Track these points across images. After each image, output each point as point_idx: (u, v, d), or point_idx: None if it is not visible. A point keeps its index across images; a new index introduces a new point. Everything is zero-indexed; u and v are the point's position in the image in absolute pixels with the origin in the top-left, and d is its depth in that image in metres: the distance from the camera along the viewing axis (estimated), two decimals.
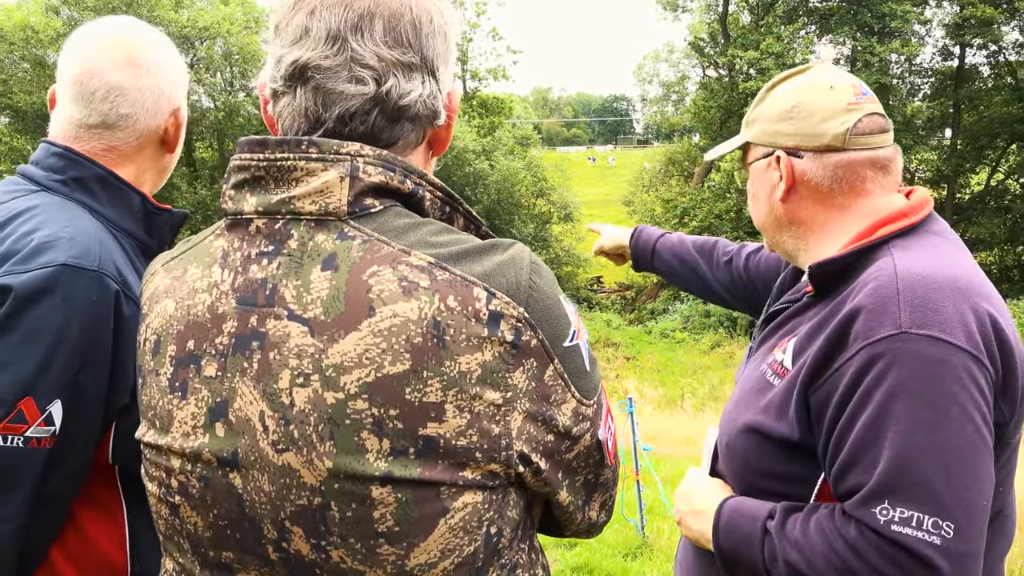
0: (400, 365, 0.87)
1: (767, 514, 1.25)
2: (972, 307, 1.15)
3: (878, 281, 1.19)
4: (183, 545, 1.00)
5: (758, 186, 1.47)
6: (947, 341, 1.11)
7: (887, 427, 1.11)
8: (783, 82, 1.45)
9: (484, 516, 0.94)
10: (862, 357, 1.14)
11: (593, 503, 1.10)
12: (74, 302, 1.23)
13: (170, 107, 1.48)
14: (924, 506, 1.08)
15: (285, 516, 0.91)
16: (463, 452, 0.89)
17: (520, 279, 0.92)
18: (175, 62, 1.50)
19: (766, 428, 1.29)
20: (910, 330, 1.12)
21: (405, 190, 0.97)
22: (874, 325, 1.15)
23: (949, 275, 1.18)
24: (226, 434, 0.93)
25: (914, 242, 1.28)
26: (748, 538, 1.25)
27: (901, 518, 1.08)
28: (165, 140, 1.50)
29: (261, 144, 0.96)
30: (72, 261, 1.24)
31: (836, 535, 1.14)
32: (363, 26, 0.95)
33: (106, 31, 1.44)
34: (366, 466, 0.88)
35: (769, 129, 1.42)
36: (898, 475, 1.09)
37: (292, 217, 0.94)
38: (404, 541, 0.90)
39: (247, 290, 0.94)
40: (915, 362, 1.11)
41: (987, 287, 1.21)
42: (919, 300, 1.14)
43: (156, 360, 0.99)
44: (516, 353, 0.91)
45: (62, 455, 1.23)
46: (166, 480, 0.99)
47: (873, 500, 1.11)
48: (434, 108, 1.01)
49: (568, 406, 0.97)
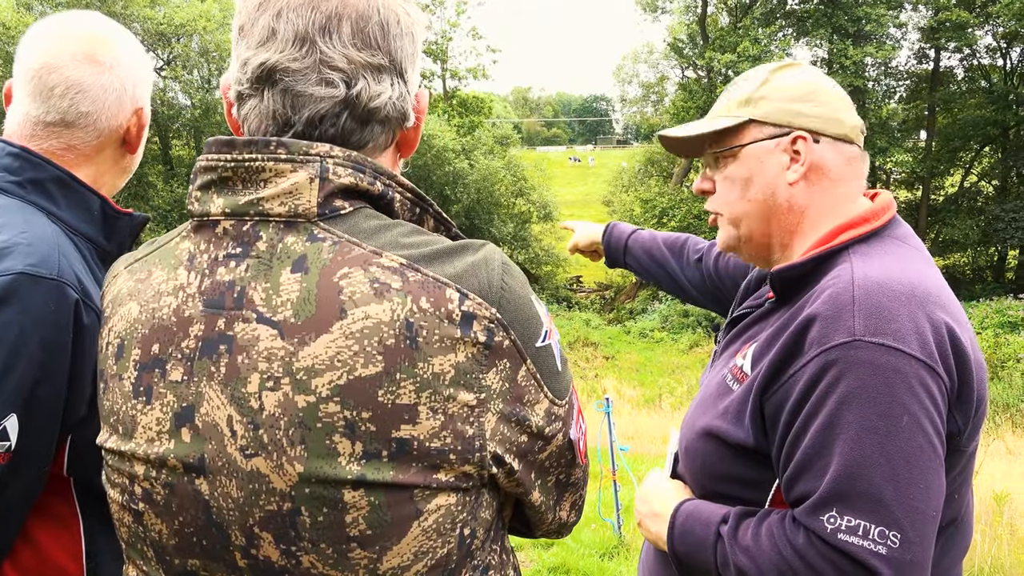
0: (373, 367, 0.86)
1: (721, 519, 1.25)
2: (928, 316, 1.14)
3: (834, 288, 1.18)
4: (147, 553, 0.97)
5: (755, 170, 1.37)
6: (900, 350, 1.10)
7: (837, 435, 1.11)
8: (786, 69, 1.40)
9: (457, 518, 0.93)
10: (816, 364, 1.14)
11: (564, 503, 1.10)
12: (32, 312, 1.17)
13: (132, 106, 1.42)
14: (871, 515, 1.08)
15: (254, 522, 0.89)
16: (437, 454, 0.88)
17: (492, 280, 0.92)
18: (139, 59, 1.44)
19: (723, 432, 1.28)
20: (863, 338, 1.11)
21: (375, 192, 0.95)
22: (828, 332, 1.14)
23: (906, 283, 1.17)
24: (192, 439, 0.90)
25: (875, 248, 1.27)
26: (702, 542, 1.25)
27: (848, 527, 1.08)
28: (127, 140, 1.44)
29: (228, 144, 0.94)
30: (30, 269, 1.19)
31: (785, 542, 1.14)
32: (331, 27, 0.93)
33: (68, 25, 1.38)
34: (338, 470, 0.86)
35: (786, 108, 1.35)
36: (846, 483, 1.09)
37: (260, 219, 0.92)
38: (377, 545, 0.89)
39: (214, 293, 0.92)
40: (867, 371, 1.10)
41: (945, 295, 1.21)
42: (874, 308, 1.13)
43: (119, 364, 0.96)
44: (489, 354, 0.90)
45: (16, 470, 1.18)
46: (129, 487, 0.96)
47: (821, 508, 1.11)
48: (403, 110, 1.00)
49: (541, 406, 0.96)
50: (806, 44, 32.73)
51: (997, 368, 19.15)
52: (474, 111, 37.77)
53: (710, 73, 32.81)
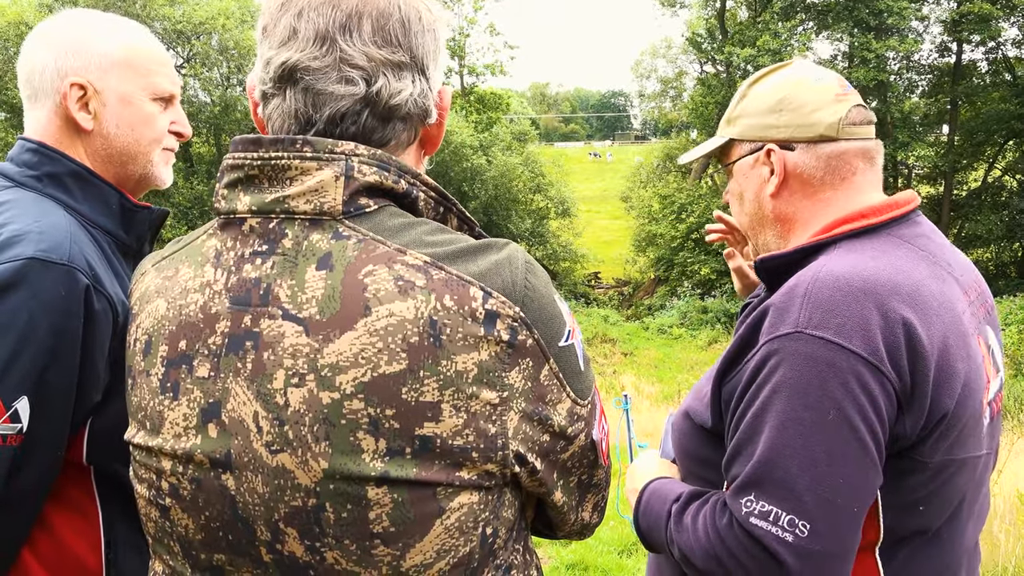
0: (397, 364, 0.86)
1: (675, 497, 1.28)
2: (883, 313, 1.12)
3: (796, 280, 1.19)
4: (173, 548, 0.99)
5: (744, 185, 1.43)
6: (838, 344, 1.10)
7: (765, 422, 1.13)
8: (764, 78, 1.42)
9: (480, 516, 0.93)
10: (761, 353, 1.16)
11: (586, 504, 1.10)
12: (42, 296, 1.19)
13: (59, 76, 1.36)
14: (783, 503, 1.09)
15: (279, 517, 0.90)
16: (460, 452, 0.89)
17: (516, 279, 0.92)
18: (73, 31, 1.39)
19: (694, 413, 1.35)
20: (805, 330, 1.12)
21: (399, 190, 0.96)
22: (776, 322, 1.16)
23: (870, 279, 1.15)
24: (219, 435, 0.91)
25: (863, 243, 1.25)
26: (658, 520, 1.29)
27: (760, 511, 1.10)
28: (69, 116, 1.38)
29: (255, 143, 0.95)
30: (40, 255, 1.20)
31: (712, 523, 1.17)
32: (351, 26, 0.93)
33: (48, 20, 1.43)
34: (362, 467, 0.87)
35: (757, 123, 1.38)
36: (765, 470, 1.11)
37: (286, 216, 0.93)
38: (400, 542, 0.90)
39: (241, 289, 0.93)
40: (802, 362, 1.11)
41: (922, 295, 1.17)
42: (822, 301, 1.14)
43: (147, 361, 0.98)
44: (512, 353, 0.90)
45: (29, 454, 1.20)
46: (156, 482, 0.97)
47: (742, 491, 1.13)
48: (425, 107, 1.00)
49: (563, 406, 0.96)
50: (827, 38, 32.44)
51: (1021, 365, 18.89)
52: (492, 107, 37.77)
53: (729, 68, 32.59)
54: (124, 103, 1.41)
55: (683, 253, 31.36)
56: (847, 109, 1.33)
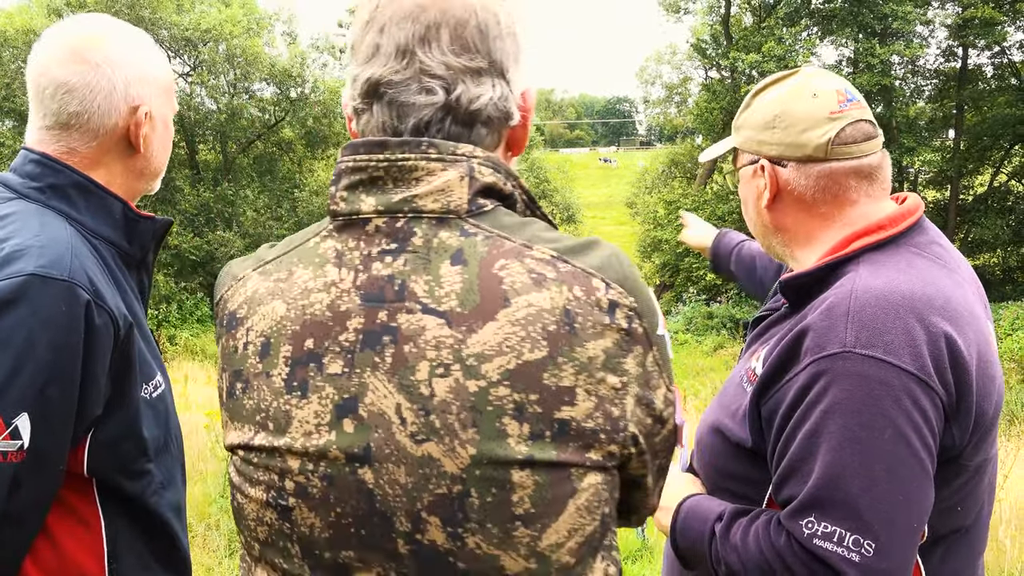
0: (538, 352, 0.91)
1: (716, 516, 1.29)
2: (926, 328, 1.14)
3: (834, 298, 1.20)
4: (291, 550, 0.98)
5: (747, 191, 1.49)
6: (890, 363, 1.12)
7: (821, 443, 1.14)
8: (768, 88, 1.43)
9: (602, 496, 0.98)
10: (808, 373, 1.17)
11: (658, 489, 1.14)
12: (42, 313, 1.18)
13: (127, 104, 1.39)
14: (847, 522, 1.11)
15: (422, 507, 0.92)
16: (590, 434, 0.93)
17: (626, 272, 0.98)
18: (135, 56, 1.40)
19: (727, 430, 1.34)
20: (854, 349, 1.13)
21: (507, 191, 1.02)
22: (822, 342, 1.17)
23: (906, 293, 1.17)
24: (356, 429, 0.93)
25: (887, 257, 1.27)
26: (699, 538, 1.30)
27: (824, 532, 1.11)
28: (130, 141, 1.41)
29: (380, 145, 0.98)
30: (40, 271, 1.20)
31: (768, 543, 1.18)
32: (430, 37, 0.97)
33: (64, 28, 1.38)
34: (508, 451, 0.90)
35: (754, 137, 1.42)
36: (825, 490, 1.12)
37: (414, 215, 0.97)
38: (539, 523, 0.93)
39: (372, 287, 0.95)
40: (855, 382, 1.12)
41: (954, 306, 1.19)
42: (867, 320, 1.15)
43: (266, 362, 0.99)
44: (629, 340, 0.96)
45: (30, 470, 1.19)
46: (279, 483, 0.97)
47: (801, 513, 1.14)
48: (506, 109, 1.03)
49: (661, 391, 1.01)
50: (831, 43, 32.42)
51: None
52: None
53: (734, 74, 32.58)
54: (164, 126, 1.47)
55: (688, 259, 31.30)
56: (839, 128, 1.32)
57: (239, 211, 26.94)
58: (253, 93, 30.48)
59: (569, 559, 0.95)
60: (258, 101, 30.53)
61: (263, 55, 28.94)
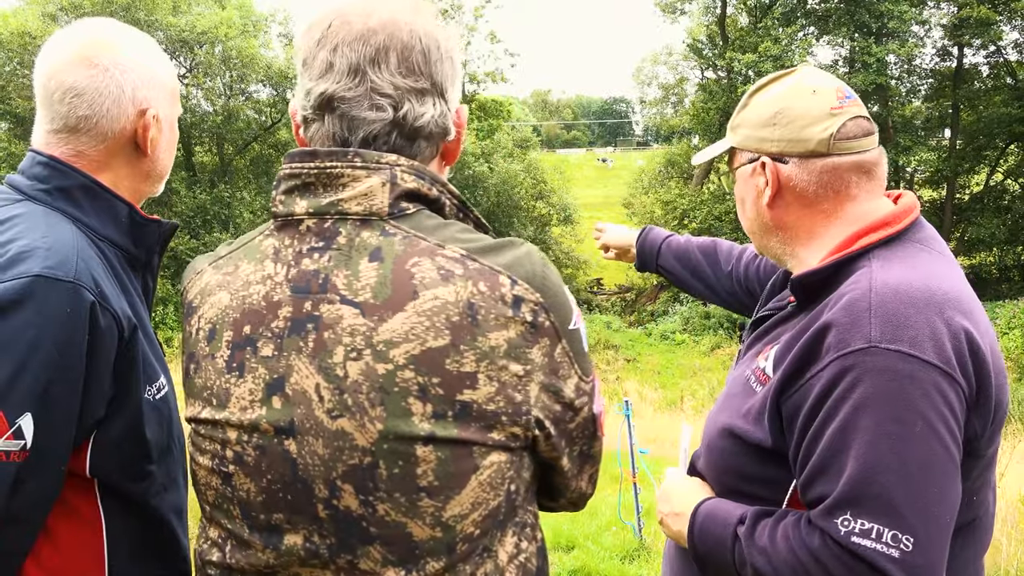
0: (441, 340, 1.01)
1: (738, 519, 1.27)
2: (946, 322, 1.15)
3: (853, 294, 1.20)
4: (233, 511, 1.11)
5: (744, 191, 1.47)
6: (916, 356, 1.12)
7: (853, 439, 1.13)
8: (766, 87, 1.44)
9: (506, 474, 1.08)
10: (833, 369, 1.16)
11: (584, 474, 1.23)
12: (47, 314, 1.19)
13: (135, 107, 1.40)
14: (884, 518, 1.09)
15: (337, 475, 1.03)
16: (492, 416, 1.03)
17: (535, 270, 1.07)
18: (142, 60, 1.42)
19: (743, 432, 1.32)
20: (879, 344, 1.13)
21: (431, 196, 1.11)
22: (846, 338, 1.16)
23: (924, 288, 1.18)
24: (283, 405, 1.05)
25: (895, 252, 1.28)
26: (720, 542, 1.28)
27: (861, 529, 1.10)
28: (138, 144, 1.43)
29: (311, 155, 1.09)
30: (47, 272, 1.21)
31: (800, 543, 1.16)
32: (380, 59, 1.08)
33: (72, 32, 1.39)
34: (412, 427, 1.01)
35: (754, 135, 1.41)
36: (861, 487, 1.11)
37: (340, 217, 1.08)
38: (442, 495, 1.03)
39: (301, 280, 1.07)
40: (883, 377, 1.12)
41: (966, 300, 1.21)
42: (891, 315, 1.15)
43: (212, 345, 1.11)
44: (534, 332, 1.05)
45: (33, 470, 1.20)
46: (220, 452, 1.10)
47: (836, 510, 1.13)
48: (445, 126, 1.14)
49: (572, 381, 1.11)
50: (827, 43, 32.49)
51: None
52: (493, 115, 37.77)
53: (730, 74, 32.63)
54: (171, 129, 1.49)
55: None
56: (840, 124, 1.33)
57: (236, 213, 26.89)
58: (249, 95, 30.48)
59: (473, 530, 1.07)
60: (254, 103, 30.54)
61: (259, 57, 28.93)
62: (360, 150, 1.08)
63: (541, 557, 1.19)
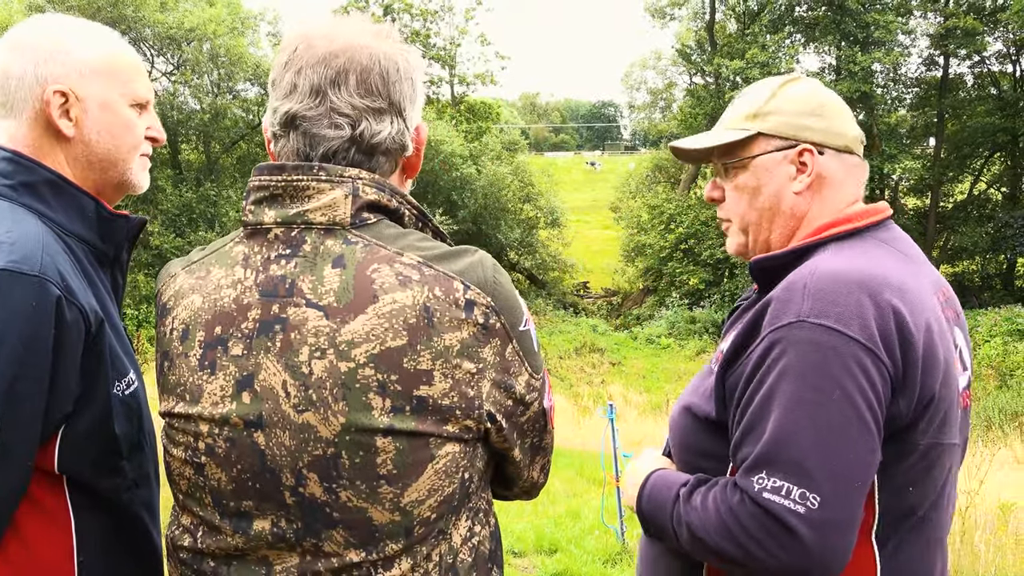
0: (399, 340, 1.10)
1: (682, 483, 1.37)
2: (875, 302, 1.22)
3: (795, 276, 1.29)
4: (204, 500, 1.19)
5: (764, 179, 1.46)
6: (840, 331, 1.20)
7: (773, 405, 1.22)
8: (793, 82, 1.49)
9: (460, 464, 1.17)
10: (766, 342, 1.26)
11: (536, 464, 1.34)
12: (12, 308, 1.17)
13: (39, 85, 1.36)
14: (794, 477, 1.18)
15: (303, 465, 1.12)
16: (447, 410, 1.12)
17: (487, 276, 1.16)
18: (49, 37, 1.39)
19: (697, 408, 1.43)
20: (807, 319, 1.22)
21: (391, 207, 1.20)
22: (779, 314, 1.25)
23: (863, 272, 1.26)
24: (252, 400, 1.13)
25: (852, 244, 1.37)
26: (663, 503, 1.38)
27: (773, 487, 1.19)
28: (51, 124, 1.38)
29: (279, 168, 1.17)
30: (11, 266, 1.19)
31: (724, 501, 1.25)
32: (340, 81, 1.16)
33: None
34: (372, 420, 1.10)
35: (793, 122, 1.45)
36: (776, 448, 1.20)
37: (305, 226, 1.16)
38: (400, 482, 1.12)
39: (269, 284, 1.15)
40: (806, 348, 1.21)
41: (907, 288, 1.27)
42: (823, 292, 1.23)
43: (185, 345, 1.19)
44: (486, 333, 1.15)
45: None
46: (193, 444, 1.18)
47: (754, 470, 1.22)
48: (402, 142, 1.23)
49: (522, 378, 1.21)
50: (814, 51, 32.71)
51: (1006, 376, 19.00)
52: (482, 117, 37.80)
53: (718, 80, 32.78)
54: (105, 109, 1.41)
55: (672, 263, 31.46)
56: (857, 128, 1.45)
57: (222, 212, 26.70)
58: (237, 93, 30.32)
59: (430, 514, 1.16)
60: (242, 101, 30.36)
61: (248, 55, 28.80)
62: (325, 164, 1.16)
63: (494, 541, 1.29)
